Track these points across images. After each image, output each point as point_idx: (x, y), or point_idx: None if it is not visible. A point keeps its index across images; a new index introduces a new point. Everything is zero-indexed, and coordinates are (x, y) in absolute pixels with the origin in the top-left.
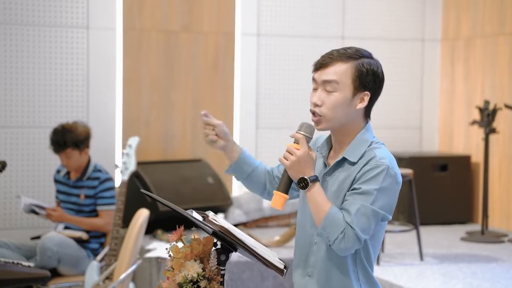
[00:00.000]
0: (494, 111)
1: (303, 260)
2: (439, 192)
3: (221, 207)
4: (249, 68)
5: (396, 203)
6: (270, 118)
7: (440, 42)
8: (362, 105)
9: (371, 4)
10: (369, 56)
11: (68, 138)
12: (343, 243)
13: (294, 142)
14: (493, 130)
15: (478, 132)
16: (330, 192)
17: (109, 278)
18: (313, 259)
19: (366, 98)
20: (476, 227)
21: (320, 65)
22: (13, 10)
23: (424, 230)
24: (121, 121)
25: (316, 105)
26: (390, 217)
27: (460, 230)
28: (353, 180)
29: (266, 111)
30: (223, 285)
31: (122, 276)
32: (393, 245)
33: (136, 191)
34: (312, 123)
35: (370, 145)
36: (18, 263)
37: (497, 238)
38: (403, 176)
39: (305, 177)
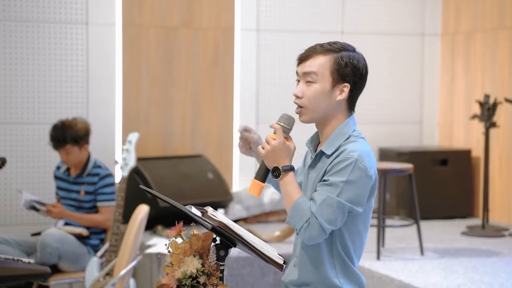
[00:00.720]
0: (494, 105)
1: (293, 251)
2: (439, 186)
3: (221, 203)
4: (248, 63)
5: (373, 195)
6: (270, 113)
7: (440, 36)
8: (341, 97)
9: None
10: (351, 50)
11: (68, 134)
12: (307, 232)
13: (274, 133)
14: (493, 124)
15: (479, 126)
16: (311, 184)
17: (109, 274)
18: (297, 250)
19: (346, 90)
20: (476, 221)
21: (302, 58)
22: (12, 6)
23: (425, 225)
24: (120, 117)
25: (297, 97)
26: (360, 210)
27: (460, 224)
28: (325, 172)
29: (266, 106)
30: (223, 281)
31: (123, 272)
32: (394, 239)
33: (136, 187)
34: (295, 116)
35: (348, 138)
36: (18, 260)
37: (498, 232)
38: (404, 170)
39: (279, 166)
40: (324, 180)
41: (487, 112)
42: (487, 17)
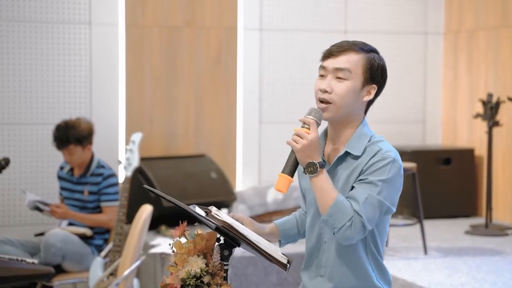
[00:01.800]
0: (498, 104)
1: (313, 261)
2: (442, 185)
3: (225, 202)
4: (251, 63)
5: (399, 197)
6: (273, 113)
7: (443, 35)
8: (368, 98)
9: None
10: (377, 51)
11: (71, 135)
12: (349, 231)
13: (302, 127)
14: (496, 123)
15: (482, 125)
16: (339, 183)
17: (113, 274)
18: (324, 259)
19: (373, 92)
20: (480, 220)
21: (331, 53)
22: (15, 6)
23: (428, 224)
24: (124, 117)
25: (325, 91)
26: (394, 210)
27: (464, 223)
28: (360, 172)
29: (269, 106)
30: (227, 280)
31: (126, 272)
32: (397, 238)
33: (140, 187)
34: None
35: (370, 139)
36: (22, 260)
37: (501, 231)
38: (406, 169)
39: (314, 161)
40: (361, 179)
41: (490, 111)
42: (490, 15)
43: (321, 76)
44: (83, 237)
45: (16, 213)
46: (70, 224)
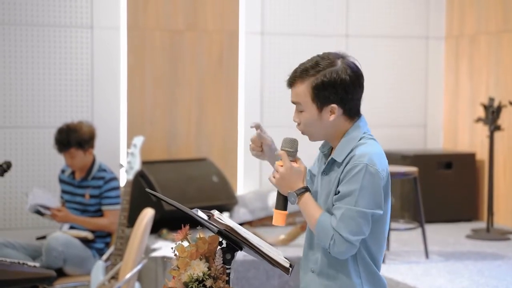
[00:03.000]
0: (499, 108)
1: (308, 256)
2: (444, 189)
3: (226, 206)
4: (253, 66)
5: (388, 196)
6: (275, 116)
7: (444, 39)
8: (334, 117)
9: (375, 2)
10: (330, 65)
11: (72, 138)
12: (335, 248)
13: (281, 160)
14: (498, 127)
15: (483, 130)
16: (323, 191)
17: (114, 277)
18: (315, 256)
19: (335, 110)
20: (481, 224)
21: (287, 85)
22: (17, 10)
23: (430, 228)
24: (125, 120)
25: (296, 123)
26: (381, 212)
27: (465, 227)
28: (338, 181)
29: (270, 109)
30: (229, 284)
31: (128, 276)
32: (399, 243)
33: (141, 191)
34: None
35: (359, 141)
36: (23, 263)
37: (503, 235)
38: (408, 174)
39: (292, 191)
40: (338, 192)
41: (492, 115)
42: (491, 20)
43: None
44: (84, 241)
45: (18, 216)
46: (71, 227)
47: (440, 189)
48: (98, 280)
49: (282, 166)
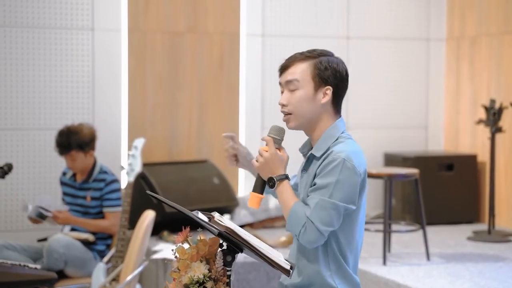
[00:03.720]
0: (500, 109)
1: (290, 255)
2: (445, 191)
3: (227, 208)
4: (254, 68)
5: (363, 193)
6: (275, 118)
7: (445, 41)
8: (325, 100)
9: (376, 4)
10: (328, 54)
11: (73, 140)
12: (305, 236)
13: (266, 145)
14: (499, 129)
15: (484, 131)
16: (303, 187)
17: (115, 279)
18: (294, 254)
19: (329, 93)
20: (482, 226)
21: (282, 68)
22: (18, 12)
23: (431, 230)
24: (126, 122)
25: (283, 105)
26: (353, 207)
27: (466, 229)
28: (314, 175)
29: (271, 111)
30: (229, 286)
31: (129, 278)
32: (400, 245)
33: (142, 193)
34: (285, 126)
35: (337, 139)
36: (24, 265)
37: (504, 237)
38: (409, 176)
39: (273, 176)
40: (314, 184)
41: (493, 117)
42: (492, 22)
43: (281, 92)
44: (85, 243)
45: (19, 218)
46: (72, 229)
47: (441, 191)
48: (99, 282)
49: (267, 151)
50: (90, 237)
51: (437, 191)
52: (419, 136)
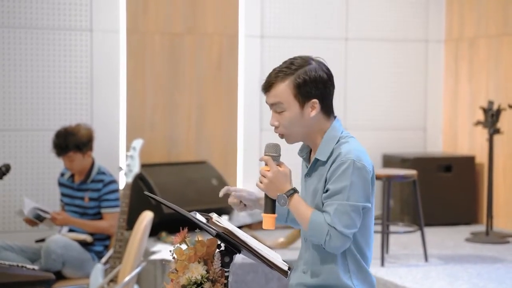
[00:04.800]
0: (498, 111)
1: (300, 257)
2: (443, 193)
3: (226, 209)
4: (253, 70)
5: (374, 189)
6: None
7: (444, 42)
8: (314, 112)
9: (375, 5)
10: (306, 63)
11: (70, 141)
12: (332, 243)
13: (265, 165)
14: (497, 131)
15: (483, 133)
16: (309, 192)
17: (113, 280)
18: (306, 256)
19: (316, 105)
20: (481, 227)
21: (264, 89)
22: (16, 13)
23: (429, 231)
24: (125, 123)
25: (274, 126)
26: (369, 205)
27: (464, 230)
28: (325, 180)
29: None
30: (227, 287)
31: (127, 279)
32: (398, 246)
33: (140, 194)
34: (277, 141)
35: (338, 141)
36: (22, 266)
37: (502, 238)
38: (408, 177)
39: (282, 194)
40: (327, 190)
41: (491, 118)
42: (491, 23)
43: (270, 109)
44: (83, 244)
45: (17, 219)
46: (70, 230)
47: (439, 192)
48: (97, 283)
49: (268, 171)
50: (88, 238)
51: (436, 193)
52: (417, 138)
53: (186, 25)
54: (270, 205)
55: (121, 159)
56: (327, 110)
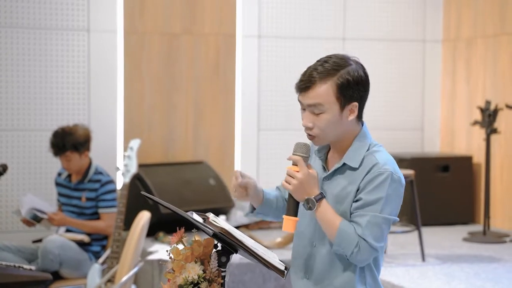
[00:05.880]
0: (496, 111)
1: (301, 264)
2: (441, 192)
3: (223, 209)
4: (250, 70)
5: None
6: (272, 120)
7: (441, 42)
8: (353, 116)
9: (372, 5)
10: (347, 63)
11: (68, 141)
12: (359, 255)
13: (293, 164)
14: (494, 131)
15: (480, 133)
16: (330, 196)
17: (111, 280)
18: (312, 262)
19: (355, 108)
20: (478, 227)
21: (301, 89)
22: (14, 13)
23: (426, 231)
24: (122, 123)
25: (308, 128)
26: (398, 219)
27: (462, 230)
28: (358, 188)
29: (267, 113)
30: (224, 287)
31: (124, 279)
32: (395, 246)
33: (138, 194)
34: (306, 141)
35: (369, 148)
36: (19, 267)
37: (499, 238)
38: (405, 177)
39: (311, 197)
40: (360, 199)
41: (488, 118)
42: (488, 23)
43: (302, 109)
44: (80, 244)
45: (14, 219)
46: (67, 230)
47: (437, 192)
48: (94, 283)
49: (298, 172)
50: (85, 238)
51: (433, 192)
52: (415, 138)
53: (184, 25)
54: (294, 207)
55: (118, 159)
56: (360, 113)
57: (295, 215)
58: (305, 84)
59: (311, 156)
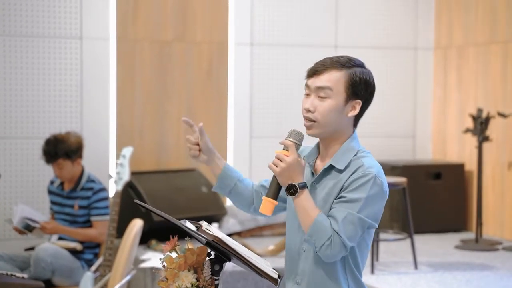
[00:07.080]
0: (487, 119)
1: (292, 268)
2: (433, 200)
3: (216, 217)
4: (242, 77)
5: (383, 212)
6: (264, 127)
7: (433, 50)
8: (353, 113)
9: (364, 14)
10: (361, 65)
11: (60, 149)
12: (329, 250)
13: (283, 149)
14: (486, 138)
15: (472, 140)
16: (318, 199)
17: None
18: (301, 267)
19: (358, 106)
20: (470, 235)
21: (314, 72)
22: (6, 21)
23: (418, 239)
24: (114, 131)
25: (308, 111)
26: (376, 225)
27: (454, 238)
28: (341, 188)
29: (259, 120)
30: None
31: (117, 287)
32: (388, 253)
33: (130, 201)
34: (302, 130)
35: (357, 153)
36: (12, 275)
37: (491, 246)
38: (397, 184)
39: (294, 183)
40: (341, 197)
41: (480, 126)
42: (479, 31)
43: (306, 94)
44: (73, 252)
45: (6, 227)
46: (60, 238)
47: (429, 200)
48: None
49: (287, 156)
50: (78, 246)
51: (425, 200)
52: (407, 145)
53: (176, 32)
54: (275, 190)
55: (111, 167)
56: (358, 118)
57: (275, 198)
58: (319, 67)
59: (301, 154)
